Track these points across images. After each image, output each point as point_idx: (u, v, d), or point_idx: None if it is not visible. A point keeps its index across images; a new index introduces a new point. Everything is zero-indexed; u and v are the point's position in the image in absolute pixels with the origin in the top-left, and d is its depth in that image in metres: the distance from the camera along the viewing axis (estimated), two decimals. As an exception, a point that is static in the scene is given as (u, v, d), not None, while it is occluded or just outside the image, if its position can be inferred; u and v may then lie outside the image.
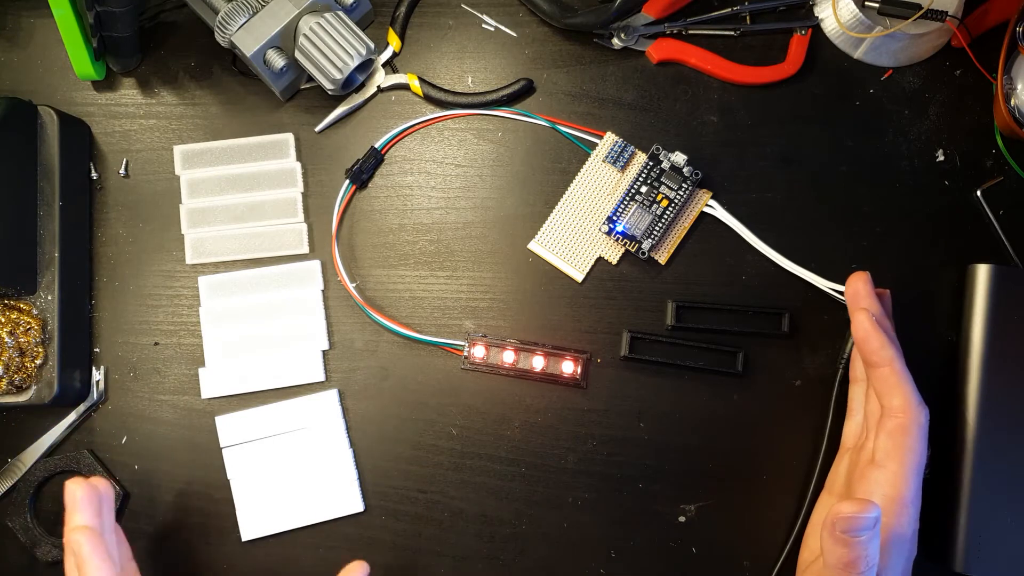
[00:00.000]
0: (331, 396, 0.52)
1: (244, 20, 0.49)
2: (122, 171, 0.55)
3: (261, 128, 0.54)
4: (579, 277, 0.52)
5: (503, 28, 0.54)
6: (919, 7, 0.48)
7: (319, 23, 0.49)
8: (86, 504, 0.44)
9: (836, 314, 0.51)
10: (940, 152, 0.51)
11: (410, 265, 0.53)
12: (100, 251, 0.54)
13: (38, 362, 0.51)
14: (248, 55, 0.49)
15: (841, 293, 0.50)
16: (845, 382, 0.49)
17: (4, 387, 0.50)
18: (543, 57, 0.54)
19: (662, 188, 0.51)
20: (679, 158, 0.51)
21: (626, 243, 0.51)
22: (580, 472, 0.51)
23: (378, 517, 0.52)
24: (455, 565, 0.51)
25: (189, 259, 0.54)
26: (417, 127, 0.54)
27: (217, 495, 0.52)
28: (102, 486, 0.46)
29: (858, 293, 0.46)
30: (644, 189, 0.51)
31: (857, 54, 0.52)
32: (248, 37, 0.49)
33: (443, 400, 0.52)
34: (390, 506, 0.52)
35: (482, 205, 0.53)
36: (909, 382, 0.43)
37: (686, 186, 0.50)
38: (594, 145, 0.52)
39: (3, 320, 0.50)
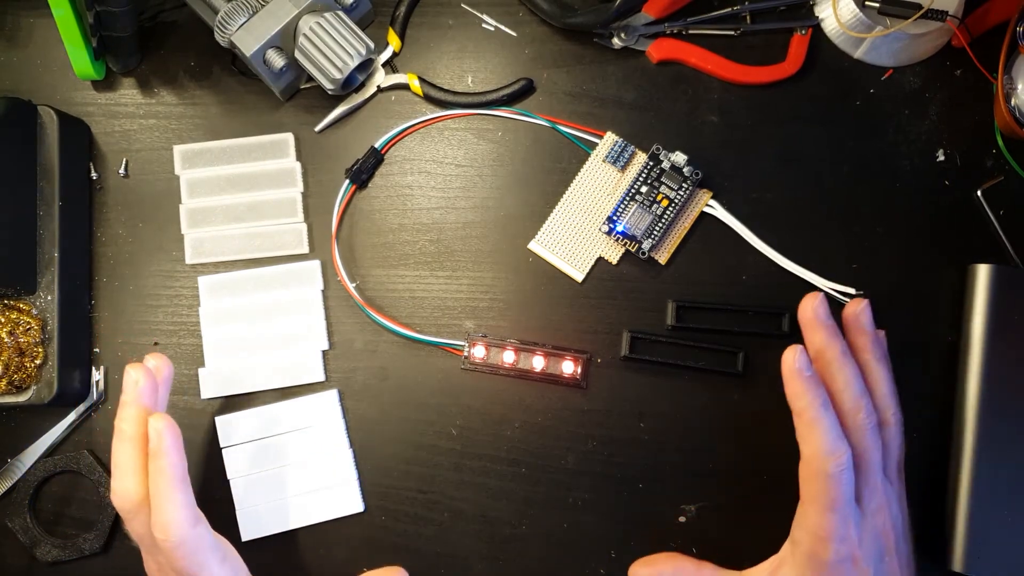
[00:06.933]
0: (331, 396, 0.52)
1: (244, 20, 0.49)
2: (122, 171, 0.55)
3: (261, 128, 0.54)
4: (579, 277, 0.52)
5: (503, 28, 0.54)
6: (919, 7, 0.48)
7: (319, 23, 0.49)
8: (150, 393, 0.44)
9: (836, 315, 0.50)
10: (940, 152, 0.51)
11: (410, 265, 0.53)
12: (100, 251, 0.54)
13: (38, 362, 0.51)
14: (248, 55, 0.49)
15: (842, 293, 0.50)
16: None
17: (4, 387, 0.50)
18: (543, 57, 0.53)
19: (662, 188, 0.51)
20: (679, 158, 0.51)
21: (626, 243, 0.51)
22: (580, 472, 0.51)
23: (378, 517, 0.52)
24: (455, 565, 0.51)
25: (189, 259, 0.54)
26: (417, 127, 0.54)
27: (217, 495, 0.52)
28: (165, 370, 0.46)
29: (802, 319, 0.47)
30: (644, 189, 0.51)
31: (857, 54, 0.52)
32: (248, 37, 0.49)
33: (443, 400, 0.52)
34: (390, 506, 0.52)
35: (482, 205, 0.53)
36: (820, 430, 0.42)
37: (686, 186, 0.50)
38: (594, 145, 0.52)
39: (3, 320, 0.50)
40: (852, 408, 0.44)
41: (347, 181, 0.53)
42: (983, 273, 0.48)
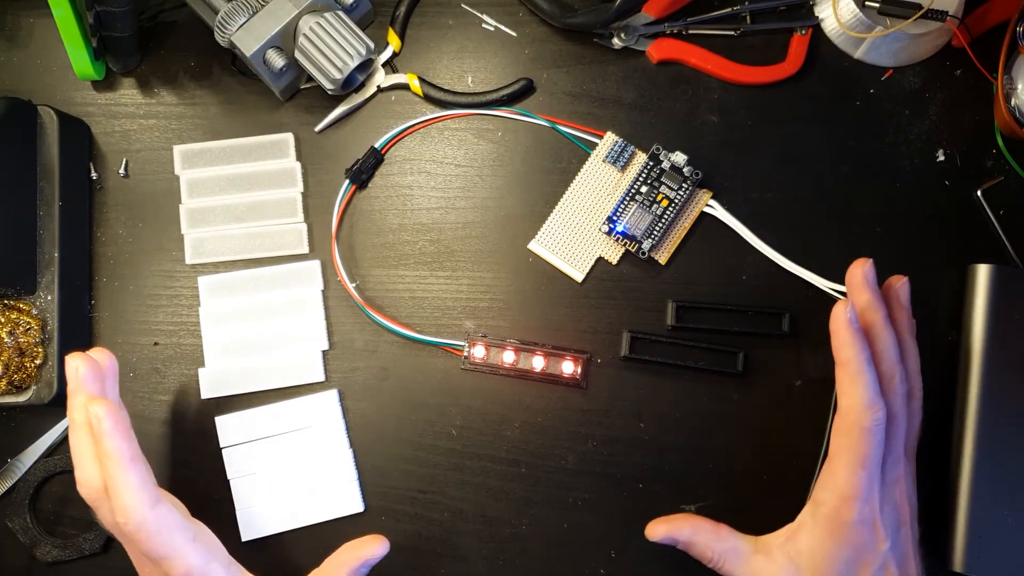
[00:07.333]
0: (331, 396, 0.52)
1: (244, 20, 0.49)
2: (122, 171, 0.55)
3: (261, 128, 0.54)
4: (579, 277, 0.52)
5: (503, 28, 0.54)
6: (919, 7, 0.48)
7: (319, 23, 0.49)
8: (92, 379, 0.43)
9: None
10: (940, 152, 0.51)
11: (410, 265, 0.53)
12: (100, 251, 0.54)
13: (38, 362, 0.51)
14: (248, 55, 0.49)
15: (842, 293, 0.50)
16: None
17: (4, 387, 0.50)
18: (543, 57, 0.53)
19: (662, 188, 0.51)
20: (679, 158, 0.51)
21: (626, 243, 0.51)
22: (580, 472, 0.51)
23: (378, 517, 0.52)
24: (455, 565, 0.51)
25: (189, 259, 0.54)
26: (417, 127, 0.54)
27: (217, 495, 0.52)
28: (107, 361, 0.45)
29: (850, 282, 0.46)
30: (644, 189, 0.51)
31: (857, 54, 0.52)
32: (248, 37, 0.49)
33: (443, 400, 0.52)
34: (390, 506, 0.52)
35: (482, 205, 0.53)
36: (862, 383, 0.42)
37: (686, 186, 0.50)
38: (594, 145, 0.52)
39: (3, 320, 0.50)
40: (887, 372, 0.44)
41: (347, 181, 0.53)
42: (983, 273, 0.48)
